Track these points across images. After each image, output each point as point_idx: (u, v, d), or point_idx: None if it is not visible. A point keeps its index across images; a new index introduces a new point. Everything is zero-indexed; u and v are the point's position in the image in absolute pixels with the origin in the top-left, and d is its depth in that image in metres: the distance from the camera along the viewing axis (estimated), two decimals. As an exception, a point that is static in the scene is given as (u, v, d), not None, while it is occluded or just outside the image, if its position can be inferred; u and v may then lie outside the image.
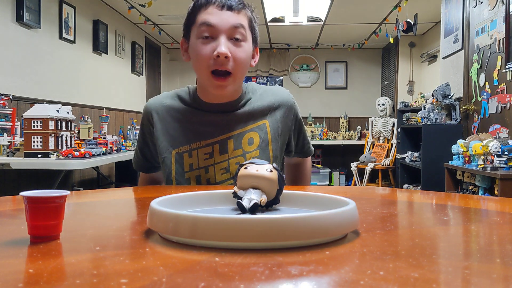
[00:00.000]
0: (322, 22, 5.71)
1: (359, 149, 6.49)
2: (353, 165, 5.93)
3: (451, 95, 3.97)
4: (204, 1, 1.13)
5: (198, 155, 1.20)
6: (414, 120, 4.63)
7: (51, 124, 2.76)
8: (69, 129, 3.00)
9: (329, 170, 6.66)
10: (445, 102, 3.96)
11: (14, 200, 0.95)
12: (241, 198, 0.68)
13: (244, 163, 0.72)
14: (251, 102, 1.25)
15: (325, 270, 0.47)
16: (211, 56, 1.10)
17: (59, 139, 2.85)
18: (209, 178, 1.20)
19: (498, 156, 2.66)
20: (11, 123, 2.92)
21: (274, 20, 5.59)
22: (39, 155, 2.72)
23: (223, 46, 1.08)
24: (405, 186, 4.84)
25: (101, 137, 3.65)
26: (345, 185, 6.79)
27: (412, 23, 4.50)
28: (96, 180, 4.65)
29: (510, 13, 3.08)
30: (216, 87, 1.14)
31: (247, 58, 1.15)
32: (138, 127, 4.54)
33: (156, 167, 1.33)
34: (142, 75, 6.14)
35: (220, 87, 1.13)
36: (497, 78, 3.26)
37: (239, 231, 0.53)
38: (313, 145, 1.45)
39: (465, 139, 3.20)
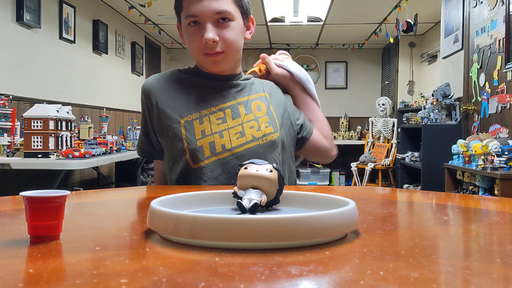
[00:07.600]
0: (322, 22, 5.71)
1: (359, 149, 6.48)
2: (353, 165, 5.93)
3: (451, 95, 3.97)
4: None
5: (210, 121, 1.17)
6: (414, 120, 4.64)
7: (51, 124, 2.76)
8: (69, 129, 2.99)
9: (329, 170, 6.66)
10: (445, 102, 3.96)
11: (14, 200, 0.95)
12: (241, 198, 0.68)
13: (244, 163, 0.72)
14: (252, 79, 1.29)
15: (325, 270, 0.47)
16: (200, 42, 1.13)
17: (59, 139, 2.85)
18: (224, 144, 1.15)
19: (498, 156, 2.66)
20: (11, 123, 2.92)
21: (274, 20, 5.59)
22: (39, 155, 2.72)
23: (210, 32, 1.11)
24: (405, 186, 4.84)
25: (101, 137, 3.65)
26: (345, 185, 6.79)
27: (412, 23, 4.50)
28: (96, 180, 4.66)
29: (510, 13, 3.08)
30: (211, 64, 1.17)
31: (237, 35, 1.17)
32: (138, 127, 4.56)
33: (160, 154, 1.28)
34: (142, 75, 6.14)
35: (214, 62, 1.17)
36: (497, 78, 3.26)
37: (239, 231, 0.53)
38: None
39: (465, 139, 3.20)
